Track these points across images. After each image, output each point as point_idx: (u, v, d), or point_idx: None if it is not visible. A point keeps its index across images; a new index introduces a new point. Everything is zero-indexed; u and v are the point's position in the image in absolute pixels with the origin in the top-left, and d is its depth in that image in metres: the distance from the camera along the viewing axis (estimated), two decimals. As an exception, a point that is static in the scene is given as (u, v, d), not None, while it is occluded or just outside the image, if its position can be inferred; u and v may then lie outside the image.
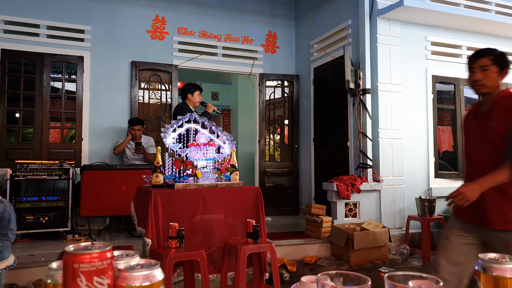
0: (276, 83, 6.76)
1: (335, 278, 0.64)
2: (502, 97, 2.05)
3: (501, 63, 2.05)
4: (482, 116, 2.11)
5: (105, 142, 5.67)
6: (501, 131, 1.99)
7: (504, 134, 1.98)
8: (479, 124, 2.11)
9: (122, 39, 5.85)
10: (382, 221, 4.88)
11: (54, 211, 4.51)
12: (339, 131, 5.64)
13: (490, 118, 2.05)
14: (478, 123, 2.13)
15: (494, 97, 2.06)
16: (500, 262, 0.69)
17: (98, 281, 0.64)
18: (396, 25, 5.16)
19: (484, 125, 2.06)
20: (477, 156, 2.11)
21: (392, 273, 0.63)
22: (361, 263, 4.26)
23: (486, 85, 2.04)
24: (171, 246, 2.69)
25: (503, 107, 2.02)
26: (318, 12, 6.22)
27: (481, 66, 2.04)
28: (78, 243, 0.69)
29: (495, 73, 2.04)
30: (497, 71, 2.04)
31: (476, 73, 2.05)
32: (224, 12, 6.42)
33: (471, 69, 2.09)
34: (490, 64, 2.04)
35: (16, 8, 5.39)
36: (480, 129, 2.10)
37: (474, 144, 2.14)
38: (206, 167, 3.25)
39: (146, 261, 0.70)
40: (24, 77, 5.47)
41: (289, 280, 3.81)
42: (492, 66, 2.04)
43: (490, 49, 2.09)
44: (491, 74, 2.04)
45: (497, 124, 2.01)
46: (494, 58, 2.04)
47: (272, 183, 6.56)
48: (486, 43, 5.72)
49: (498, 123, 2.01)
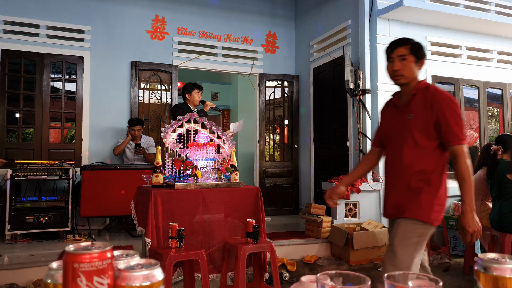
0: (276, 83, 6.76)
1: (334, 278, 0.64)
2: (420, 88, 2.05)
3: (418, 53, 2.06)
4: (401, 108, 2.10)
5: (105, 142, 5.67)
6: (420, 124, 1.99)
7: (423, 126, 1.98)
8: (398, 115, 2.11)
9: (122, 39, 5.86)
10: (381, 221, 4.87)
11: (54, 211, 4.51)
12: (338, 131, 5.64)
13: (409, 110, 2.04)
14: (397, 114, 2.12)
15: (412, 89, 2.06)
16: (499, 262, 0.69)
17: (98, 281, 0.64)
18: (396, 25, 5.16)
19: (404, 117, 2.05)
20: (395, 146, 2.10)
21: (391, 273, 0.63)
22: (360, 263, 4.26)
23: (405, 75, 2.03)
24: (171, 246, 2.69)
25: (421, 99, 2.02)
26: (318, 13, 6.22)
27: (399, 55, 2.03)
28: (78, 243, 0.69)
29: (413, 63, 2.04)
30: (414, 61, 2.04)
31: (395, 63, 2.04)
32: (224, 12, 6.42)
33: (390, 59, 2.07)
34: (408, 54, 2.04)
35: (16, 8, 5.39)
36: (399, 120, 2.09)
37: (392, 135, 2.13)
38: (206, 167, 3.26)
39: (146, 261, 0.70)
40: (24, 77, 5.47)
41: (289, 280, 3.81)
42: (410, 56, 2.04)
43: (407, 39, 2.09)
44: (409, 64, 2.04)
45: (416, 116, 2.01)
46: (411, 48, 2.05)
47: (272, 183, 6.56)
48: (485, 43, 5.73)
49: (417, 115, 2.00)
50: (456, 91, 5.60)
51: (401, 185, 2.06)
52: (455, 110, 1.97)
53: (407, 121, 2.03)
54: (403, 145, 2.03)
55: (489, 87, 5.84)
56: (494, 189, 3.82)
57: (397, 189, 2.08)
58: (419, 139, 1.99)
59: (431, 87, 2.05)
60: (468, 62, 5.67)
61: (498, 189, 3.77)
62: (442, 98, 1.98)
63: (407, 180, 2.03)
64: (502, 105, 5.96)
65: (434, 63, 5.47)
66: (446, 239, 4.74)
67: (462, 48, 5.63)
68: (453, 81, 5.59)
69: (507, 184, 3.72)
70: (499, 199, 3.76)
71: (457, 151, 1.98)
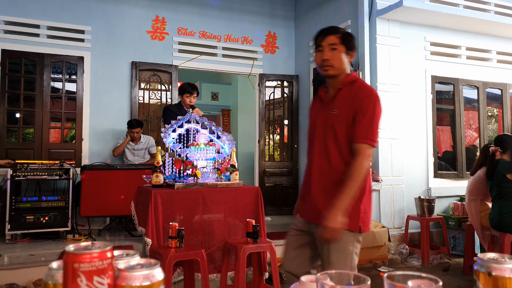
0: (275, 83, 6.76)
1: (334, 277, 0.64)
2: (346, 82, 1.90)
3: (348, 43, 1.91)
4: (326, 102, 1.95)
5: (105, 142, 5.67)
6: (342, 121, 1.84)
7: (345, 123, 1.84)
8: (323, 110, 1.95)
9: (122, 40, 5.85)
10: (381, 221, 4.88)
11: (54, 211, 4.51)
12: (338, 131, 5.63)
13: (333, 105, 1.90)
14: (322, 108, 1.96)
15: (339, 82, 1.91)
16: (499, 262, 0.69)
17: (98, 280, 0.64)
18: (396, 26, 5.17)
19: (328, 112, 1.90)
20: (318, 144, 1.94)
21: (391, 272, 0.63)
22: (360, 262, 4.26)
23: (334, 65, 1.88)
24: (171, 246, 2.70)
25: (346, 94, 1.88)
26: (318, 13, 6.22)
27: (330, 44, 1.88)
28: (78, 243, 0.69)
29: (343, 54, 1.89)
30: (344, 51, 1.89)
31: (324, 52, 1.88)
32: (224, 12, 6.42)
33: (319, 47, 1.90)
34: (338, 43, 1.88)
35: (16, 8, 5.39)
36: (323, 115, 1.93)
37: (316, 131, 1.97)
38: (206, 167, 3.26)
39: (146, 260, 0.70)
40: (24, 77, 5.47)
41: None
42: (340, 46, 1.88)
43: (338, 28, 1.94)
44: (339, 54, 1.88)
45: (339, 112, 1.86)
46: (342, 37, 1.89)
47: (271, 183, 6.56)
48: (485, 43, 5.73)
49: (340, 111, 1.86)
50: (455, 91, 5.60)
51: (323, 187, 1.90)
52: (374, 109, 1.82)
53: (330, 116, 1.88)
54: (325, 143, 1.89)
55: (488, 87, 5.85)
56: (494, 189, 3.82)
57: (318, 190, 1.91)
58: (341, 137, 1.84)
59: (358, 81, 1.91)
60: (468, 62, 5.67)
61: (498, 189, 3.77)
62: (365, 94, 1.84)
63: (329, 182, 1.87)
64: (501, 105, 5.96)
65: (433, 63, 5.47)
66: (445, 239, 4.74)
67: (462, 48, 5.63)
68: (453, 81, 5.59)
69: (506, 184, 3.72)
70: (498, 199, 3.76)
71: (359, 149, 1.79)
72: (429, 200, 4.71)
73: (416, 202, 4.79)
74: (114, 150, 5.35)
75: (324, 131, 1.90)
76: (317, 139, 1.95)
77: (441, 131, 5.68)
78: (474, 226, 4.09)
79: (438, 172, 5.37)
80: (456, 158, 5.55)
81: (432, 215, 4.71)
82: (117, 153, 5.32)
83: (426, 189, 5.19)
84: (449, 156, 5.64)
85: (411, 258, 4.61)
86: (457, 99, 5.60)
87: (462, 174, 5.49)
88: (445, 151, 5.75)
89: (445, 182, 5.36)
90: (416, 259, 4.58)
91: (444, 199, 5.23)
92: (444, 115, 5.73)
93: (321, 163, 1.91)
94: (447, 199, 5.25)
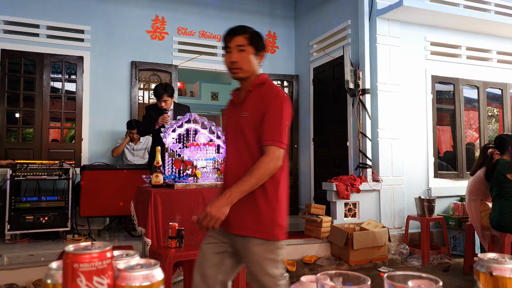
0: (275, 83, 6.75)
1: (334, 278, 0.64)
2: (256, 84, 1.82)
3: (257, 44, 1.82)
4: (238, 105, 1.86)
5: (105, 142, 5.67)
6: (252, 124, 1.76)
7: (254, 127, 1.76)
8: (234, 113, 1.87)
9: (122, 39, 5.85)
10: (381, 221, 4.88)
11: (54, 211, 4.50)
12: (338, 131, 5.64)
13: (243, 108, 1.81)
14: (234, 112, 1.88)
15: (249, 84, 1.84)
16: (499, 262, 0.69)
17: (98, 281, 0.64)
18: (396, 25, 5.16)
19: (238, 115, 1.82)
20: (230, 150, 1.87)
21: (391, 273, 0.63)
22: (360, 263, 4.26)
23: (243, 68, 1.79)
24: (171, 246, 2.69)
25: (255, 96, 1.80)
26: (318, 13, 6.22)
27: (237, 45, 1.78)
28: (78, 243, 0.69)
29: (252, 55, 1.80)
30: (253, 52, 1.81)
31: (232, 54, 1.79)
32: (223, 12, 6.42)
33: (227, 49, 1.81)
34: (247, 44, 1.79)
35: (16, 8, 5.39)
36: (235, 119, 1.85)
37: (228, 136, 1.90)
38: (206, 167, 3.26)
39: (146, 261, 0.70)
40: (24, 77, 5.47)
41: (288, 280, 3.81)
42: (248, 47, 1.79)
43: (246, 27, 1.84)
44: (247, 55, 1.79)
45: (249, 115, 1.78)
46: (250, 38, 1.80)
47: (271, 183, 6.55)
48: (485, 43, 5.73)
49: (250, 114, 1.78)
50: (456, 91, 5.60)
51: None
52: (281, 110, 1.75)
53: (241, 120, 1.80)
54: (238, 148, 1.81)
55: (489, 87, 5.84)
56: (494, 189, 3.82)
57: None
58: (251, 141, 1.76)
59: (267, 83, 1.84)
60: (468, 62, 5.67)
61: (498, 189, 3.77)
62: (272, 96, 1.77)
63: None
64: (501, 105, 5.96)
65: (433, 63, 5.47)
66: (446, 239, 4.74)
67: (462, 48, 5.63)
68: (453, 81, 5.59)
69: (506, 184, 3.72)
70: (499, 199, 3.76)
71: (267, 151, 1.72)
72: (429, 200, 4.71)
73: (416, 202, 4.79)
74: (114, 151, 5.35)
75: (236, 135, 1.83)
76: (230, 143, 1.88)
77: (441, 131, 5.68)
78: (474, 226, 4.09)
79: (438, 172, 5.37)
80: (456, 158, 5.55)
81: (432, 215, 4.71)
82: (117, 153, 5.32)
83: (426, 189, 5.19)
84: (450, 156, 5.64)
85: (411, 258, 4.61)
86: (457, 99, 5.60)
87: (462, 174, 5.49)
88: (446, 151, 5.75)
89: (445, 182, 5.35)
90: (416, 259, 4.58)
91: (444, 199, 5.23)
92: (444, 115, 5.73)
93: (235, 168, 1.82)
94: (447, 199, 5.25)
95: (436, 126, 5.43)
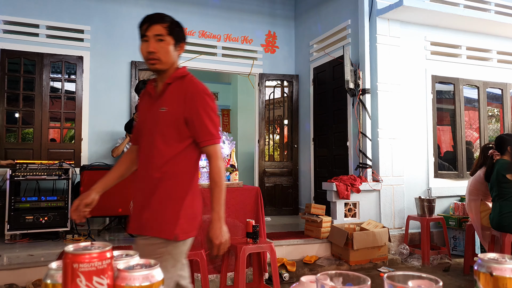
0: (275, 83, 6.76)
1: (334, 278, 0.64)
2: (175, 77, 1.74)
3: (177, 34, 1.75)
4: (155, 98, 1.76)
5: (104, 142, 5.67)
6: (171, 119, 1.68)
7: (174, 122, 1.68)
8: (151, 107, 1.76)
9: (121, 39, 5.85)
10: (381, 221, 4.88)
11: (53, 211, 4.50)
12: (338, 131, 5.64)
13: (161, 102, 1.72)
14: (151, 105, 1.77)
15: (167, 77, 1.75)
16: (499, 262, 0.69)
17: (97, 281, 0.64)
18: (396, 25, 5.16)
19: (156, 110, 1.72)
20: (145, 144, 1.76)
21: (391, 273, 0.63)
22: (360, 263, 4.26)
23: (162, 59, 1.70)
24: (171, 246, 2.69)
25: (175, 90, 1.72)
26: (318, 12, 6.22)
27: (156, 35, 1.70)
28: (78, 243, 0.69)
29: (171, 46, 1.73)
30: (172, 43, 1.73)
31: (150, 43, 1.70)
32: (223, 12, 6.42)
33: (144, 37, 1.72)
34: (165, 34, 1.71)
35: (16, 8, 5.38)
36: (152, 113, 1.75)
37: (144, 130, 1.79)
38: (206, 167, 3.26)
39: (145, 261, 0.70)
40: (23, 77, 5.46)
41: (288, 280, 3.81)
42: (167, 37, 1.71)
43: (165, 15, 1.77)
44: (166, 46, 1.71)
45: (168, 110, 1.69)
46: (169, 27, 1.73)
47: (271, 183, 6.56)
48: (485, 43, 5.74)
49: (169, 109, 1.69)
50: (456, 91, 5.60)
51: (146, 193, 1.71)
52: (209, 105, 1.71)
53: (158, 114, 1.71)
54: (152, 144, 1.71)
55: (489, 87, 5.85)
56: (494, 189, 3.82)
57: (141, 198, 1.73)
58: (169, 137, 1.69)
59: (188, 77, 1.77)
60: (468, 62, 5.68)
61: (498, 189, 3.77)
62: (196, 90, 1.71)
63: (151, 187, 1.70)
64: (502, 105, 5.96)
65: (434, 63, 5.47)
66: (446, 239, 4.74)
67: (462, 48, 5.63)
68: (453, 81, 5.59)
69: (506, 184, 3.72)
70: (499, 199, 3.76)
71: (210, 152, 1.71)
72: (430, 200, 4.71)
73: (417, 202, 4.79)
74: (113, 151, 5.34)
75: (151, 131, 1.73)
76: (144, 140, 1.77)
77: (441, 131, 5.68)
78: (475, 226, 4.09)
79: (439, 172, 5.37)
80: (456, 158, 5.55)
81: (433, 215, 4.71)
82: (116, 153, 5.32)
83: (427, 189, 5.19)
84: (450, 156, 5.65)
85: (411, 258, 4.61)
86: (458, 99, 5.60)
87: (462, 174, 5.50)
88: (446, 151, 5.75)
89: (445, 182, 5.36)
90: (416, 259, 4.58)
91: (445, 199, 5.23)
92: (445, 115, 5.73)
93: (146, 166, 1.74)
94: (448, 199, 5.25)
95: (436, 126, 5.43)
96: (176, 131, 1.69)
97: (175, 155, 1.69)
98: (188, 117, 1.68)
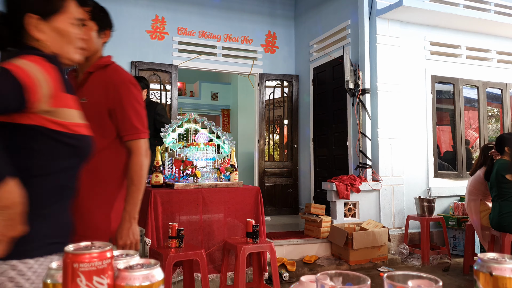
0: (275, 83, 6.76)
1: (334, 277, 0.64)
2: (98, 66, 1.65)
3: (101, 21, 1.66)
4: (76, 88, 1.59)
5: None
6: (92, 111, 1.50)
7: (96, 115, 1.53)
8: None
9: (121, 39, 5.85)
10: (381, 221, 4.88)
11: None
12: (338, 131, 5.64)
13: (82, 92, 1.58)
14: None
15: (89, 65, 1.65)
16: (499, 262, 0.69)
17: (98, 281, 0.64)
18: (396, 25, 5.17)
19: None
20: None
21: (391, 272, 0.63)
22: (360, 262, 4.26)
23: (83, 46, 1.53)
24: (171, 246, 2.70)
25: (97, 79, 1.61)
26: (318, 12, 6.22)
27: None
28: (78, 243, 0.69)
29: (94, 32, 1.63)
30: (96, 29, 1.64)
31: None
32: (223, 12, 6.42)
33: None
34: (87, 19, 1.59)
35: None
36: None
37: None
38: (206, 167, 3.26)
39: (145, 260, 0.70)
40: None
41: (288, 280, 3.81)
42: (90, 22, 1.60)
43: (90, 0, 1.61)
44: (89, 32, 1.60)
45: (88, 101, 1.55)
46: (92, 11, 1.61)
47: (271, 183, 6.56)
48: (485, 43, 5.74)
49: (90, 100, 1.56)
50: (455, 91, 5.61)
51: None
52: (135, 96, 1.60)
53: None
54: None
55: (488, 87, 5.85)
56: (494, 189, 3.82)
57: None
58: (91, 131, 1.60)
59: (112, 66, 1.68)
60: (468, 62, 5.68)
61: (498, 189, 3.77)
62: (121, 80, 1.61)
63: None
64: (501, 105, 5.96)
65: (433, 63, 5.47)
66: (445, 239, 4.74)
67: (462, 48, 5.63)
68: (453, 81, 5.59)
69: (506, 184, 3.72)
70: (498, 199, 3.76)
71: (133, 147, 1.57)
72: (429, 200, 4.71)
73: (416, 202, 4.79)
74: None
75: None
76: None
77: (441, 131, 5.68)
78: (474, 226, 4.09)
79: (438, 172, 5.37)
80: (456, 158, 5.56)
81: (432, 215, 4.71)
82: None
83: (426, 189, 5.19)
84: (449, 156, 5.65)
85: (411, 258, 4.61)
86: (457, 99, 5.61)
87: (462, 174, 5.50)
88: (445, 151, 5.75)
89: (445, 182, 5.36)
90: (416, 259, 4.58)
91: (444, 199, 5.23)
92: (444, 115, 5.73)
93: None
94: (447, 199, 5.25)
95: (436, 126, 5.43)
96: (97, 125, 1.51)
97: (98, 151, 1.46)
98: (112, 109, 1.56)
